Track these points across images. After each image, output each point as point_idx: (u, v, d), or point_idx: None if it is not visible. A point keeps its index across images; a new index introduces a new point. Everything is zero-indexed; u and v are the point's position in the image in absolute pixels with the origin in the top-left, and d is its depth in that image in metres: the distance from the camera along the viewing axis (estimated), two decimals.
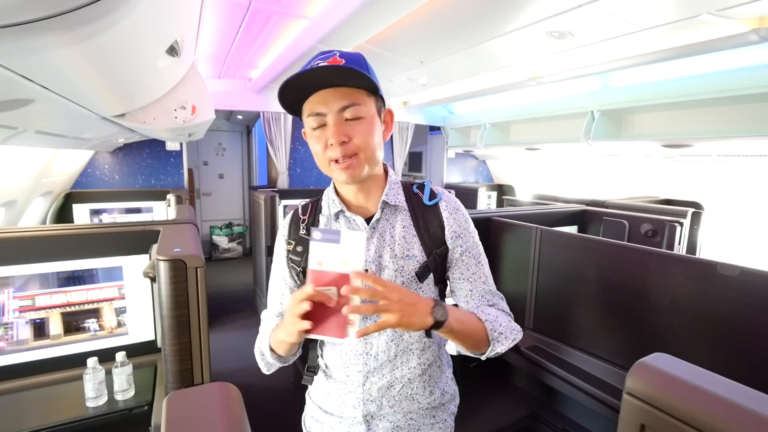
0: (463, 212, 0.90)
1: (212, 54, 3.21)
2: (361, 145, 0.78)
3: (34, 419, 1.08)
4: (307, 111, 0.79)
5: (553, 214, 2.34)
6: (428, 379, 0.89)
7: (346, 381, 0.86)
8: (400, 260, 0.83)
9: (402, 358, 0.85)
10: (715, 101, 2.28)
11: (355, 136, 0.77)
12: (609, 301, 1.51)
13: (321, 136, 0.78)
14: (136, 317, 1.43)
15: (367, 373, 0.84)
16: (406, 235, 0.85)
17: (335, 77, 0.75)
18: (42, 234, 1.30)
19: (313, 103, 0.78)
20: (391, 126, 0.88)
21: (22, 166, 2.24)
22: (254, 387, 2.49)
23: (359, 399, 0.85)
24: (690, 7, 1.40)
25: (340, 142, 0.76)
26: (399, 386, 0.86)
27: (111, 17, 0.69)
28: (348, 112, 0.76)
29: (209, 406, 0.53)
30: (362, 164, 0.79)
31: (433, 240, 0.85)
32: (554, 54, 2.06)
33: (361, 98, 0.78)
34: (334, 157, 0.78)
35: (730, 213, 3.00)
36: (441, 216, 0.87)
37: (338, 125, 0.76)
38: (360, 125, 0.78)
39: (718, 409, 0.45)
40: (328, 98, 0.76)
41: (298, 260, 0.87)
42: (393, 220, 0.86)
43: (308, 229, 0.87)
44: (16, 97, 0.97)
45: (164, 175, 4.23)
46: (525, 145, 3.88)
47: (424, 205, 0.88)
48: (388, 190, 0.87)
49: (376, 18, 1.70)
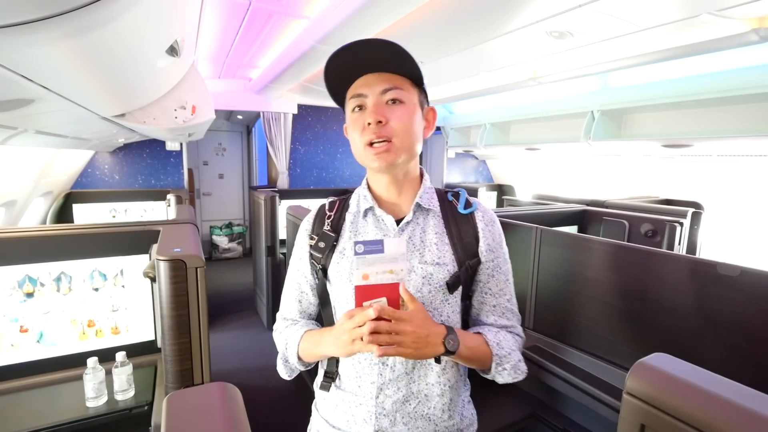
0: (498, 225, 0.87)
1: (212, 54, 3.21)
2: (397, 130, 0.76)
3: (34, 419, 1.08)
4: (349, 95, 0.79)
5: (553, 214, 2.34)
6: (448, 401, 0.83)
7: (357, 392, 0.81)
8: (430, 267, 0.79)
9: (420, 372, 0.81)
10: (715, 101, 2.28)
11: (393, 118, 0.75)
12: (609, 301, 1.51)
13: (359, 118, 0.77)
14: (136, 317, 1.43)
15: (381, 385, 0.79)
16: (438, 241, 0.81)
17: (380, 59, 0.75)
18: (42, 234, 1.30)
19: (356, 86, 0.78)
20: (433, 125, 0.85)
21: (22, 166, 2.24)
22: (254, 387, 2.49)
23: (371, 413, 0.79)
24: (690, 7, 1.40)
25: (376, 121, 0.74)
26: (415, 402, 0.80)
27: (111, 17, 0.69)
28: (389, 95, 0.76)
29: (209, 406, 0.53)
30: (397, 151, 0.77)
31: (465, 250, 0.82)
32: (554, 54, 2.06)
33: (404, 85, 0.77)
34: (369, 139, 0.76)
35: (730, 213, 3.00)
36: (476, 227, 0.84)
37: (377, 105, 0.76)
38: (400, 109, 0.76)
39: (718, 409, 0.45)
40: (371, 81, 0.76)
41: (319, 257, 0.85)
42: (424, 225, 0.83)
43: (334, 226, 0.86)
44: (16, 97, 0.97)
45: (164, 175, 4.24)
46: (525, 145, 3.88)
47: (459, 214, 0.85)
48: (422, 192, 0.84)
49: (376, 18, 1.70)
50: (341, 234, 0.86)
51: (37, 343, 1.30)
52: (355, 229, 0.85)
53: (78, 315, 1.35)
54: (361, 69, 0.77)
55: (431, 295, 0.79)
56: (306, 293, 0.90)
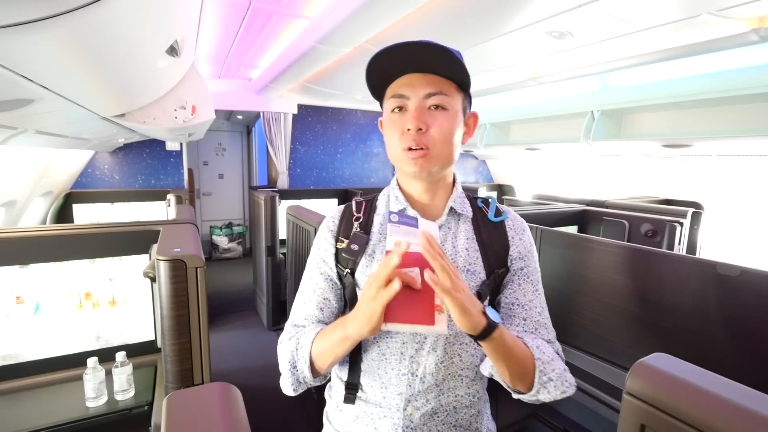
0: (529, 234, 0.85)
1: (212, 54, 3.21)
2: (437, 138, 0.72)
3: (34, 419, 1.08)
4: (390, 93, 0.75)
5: (553, 214, 2.34)
6: (476, 413, 0.81)
7: (383, 403, 0.77)
8: (461, 273, 0.75)
9: (450, 384, 0.77)
10: (715, 101, 2.28)
11: (433, 126, 0.72)
12: (609, 301, 1.51)
13: (399, 120, 0.74)
14: (136, 317, 1.43)
15: (409, 397, 0.76)
16: (469, 248, 0.79)
17: (427, 58, 0.70)
18: (42, 234, 1.30)
19: (398, 84, 0.73)
20: (473, 131, 0.82)
21: (22, 166, 2.24)
22: (254, 387, 2.49)
23: (397, 425, 0.76)
24: (690, 7, 1.40)
25: (417, 129, 0.71)
26: (443, 415, 0.77)
27: (111, 17, 0.69)
28: (432, 100, 0.72)
29: (209, 406, 0.53)
30: (434, 159, 0.73)
31: (495, 258, 0.79)
32: (554, 54, 2.06)
33: (449, 89, 0.73)
34: (408, 144, 0.72)
35: (730, 213, 2.99)
36: (506, 235, 0.82)
37: (419, 111, 0.72)
38: (442, 116, 0.72)
39: (718, 409, 0.45)
40: (415, 82, 0.72)
41: (349, 259, 0.79)
42: (456, 230, 0.81)
43: (363, 228, 0.82)
44: (16, 97, 0.97)
45: (164, 175, 4.23)
46: (525, 145, 3.88)
47: (489, 221, 0.83)
48: (455, 197, 0.82)
49: (376, 18, 1.70)
50: (370, 236, 0.82)
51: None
52: (384, 232, 0.81)
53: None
54: (404, 67, 0.72)
55: None
56: (329, 299, 0.83)
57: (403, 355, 0.76)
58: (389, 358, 0.77)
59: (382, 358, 0.78)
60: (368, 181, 5.31)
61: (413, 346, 0.76)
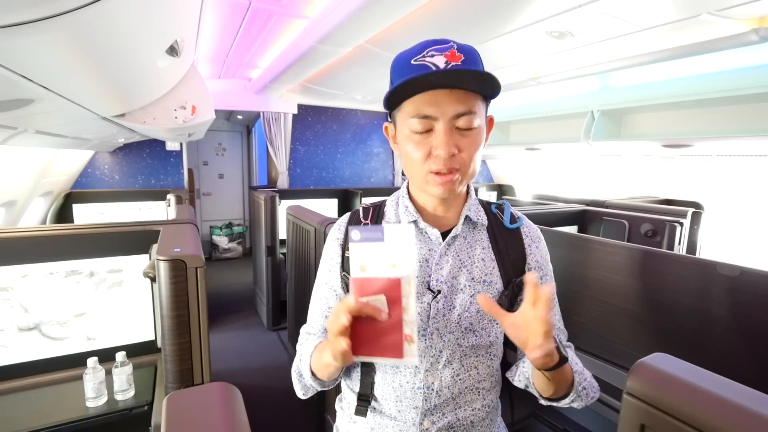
0: (544, 242, 0.83)
1: (212, 54, 3.21)
2: (467, 160, 0.68)
3: (34, 419, 1.08)
4: (412, 111, 0.67)
5: (553, 214, 2.34)
6: (490, 423, 0.80)
7: (398, 417, 0.75)
8: (478, 285, 0.74)
9: (467, 397, 0.75)
10: (715, 101, 2.28)
11: (465, 149, 0.67)
12: (609, 301, 1.51)
13: (424, 142, 0.67)
14: (136, 317, 1.43)
15: (425, 411, 0.73)
16: (485, 257, 0.76)
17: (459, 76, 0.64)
18: (42, 234, 1.30)
19: (421, 103, 0.66)
20: (489, 135, 0.77)
21: (22, 166, 2.24)
22: (254, 387, 2.49)
23: None
24: (690, 7, 1.40)
25: (450, 155, 0.66)
26: (460, 429, 0.76)
27: (111, 17, 0.69)
28: (462, 121, 0.66)
29: (209, 406, 0.53)
30: (463, 181, 0.70)
31: (513, 267, 0.76)
32: (554, 54, 2.06)
33: (476, 105, 0.67)
34: (437, 168, 0.67)
35: (730, 213, 3.00)
36: (522, 243, 0.79)
37: (449, 134, 0.66)
38: (471, 137, 0.68)
39: (718, 409, 0.45)
40: (442, 100, 0.65)
41: None
42: (471, 239, 0.77)
43: None
44: (16, 97, 0.97)
45: (164, 175, 4.24)
46: (525, 145, 3.88)
47: (505, 229, 0.80)
48: (470, 204, 0.78)
49: (376, 18, 1.70)
50: None
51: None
52: None
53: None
54: (430, 84, 0.65)
55: (479, 315, 0.73)
56: (332, 309, 0.82)
57: (417, 368, 0.74)
58: (404, 371, 0.75)
59: (396, 370, 0.75)
60: (368, 181, 5.31)
61: (428, 359, 0.74)
